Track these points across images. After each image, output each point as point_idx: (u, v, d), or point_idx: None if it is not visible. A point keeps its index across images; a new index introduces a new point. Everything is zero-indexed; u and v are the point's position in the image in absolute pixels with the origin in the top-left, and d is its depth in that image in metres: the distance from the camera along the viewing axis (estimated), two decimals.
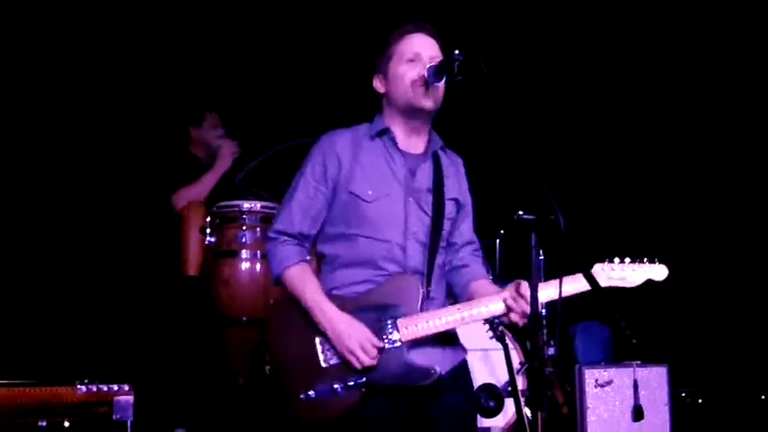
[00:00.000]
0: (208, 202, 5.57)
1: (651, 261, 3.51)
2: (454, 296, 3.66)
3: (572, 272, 3.28)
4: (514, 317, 3.31)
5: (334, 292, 3.43)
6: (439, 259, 3.52)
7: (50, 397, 3.80)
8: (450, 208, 3.58)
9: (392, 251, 3.42)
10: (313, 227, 3.50)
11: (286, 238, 3.49)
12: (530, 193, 3.01)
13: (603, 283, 3.39)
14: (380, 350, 3.33)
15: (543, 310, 5.39)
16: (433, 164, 3.58)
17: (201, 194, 5.61)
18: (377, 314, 3.35)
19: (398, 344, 3.34)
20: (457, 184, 3.66)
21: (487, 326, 5.17)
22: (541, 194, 2.97)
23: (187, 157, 5.89)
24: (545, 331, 5.48)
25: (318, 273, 3.57)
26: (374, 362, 3.30)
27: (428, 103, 3.47)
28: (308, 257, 3.49)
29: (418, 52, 3.50)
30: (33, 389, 3.79)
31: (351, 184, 3.44)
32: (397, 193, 3.47)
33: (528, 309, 3.17)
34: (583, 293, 3.31)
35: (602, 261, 3.48)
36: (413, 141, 3.58)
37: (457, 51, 3.25)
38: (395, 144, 3.52)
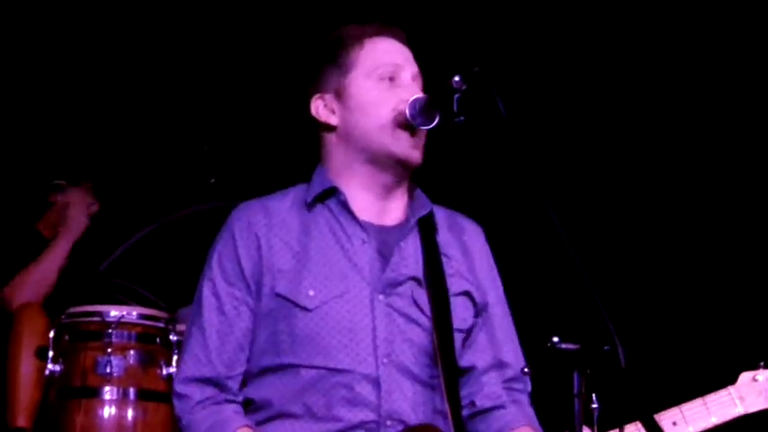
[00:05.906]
0: (51, 306, 4.60)
1: None
2: None
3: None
4: None
5: None
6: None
7: None
8: (461, 309, 2.90)
9: (355, 388, 2.78)
10: (243, 361, 2.92)
11: (207, 392, 2.88)
12: (569, 307, 2.78)
13: (760, 403, 3.07)
14: None
15: None
16: (420, 238, 2.95)
17: (46, 278, 4.82)
18: None
19: None
20: (468, 271, 3.00)
21: None
22: (590, 310, 2.46)
23: (30, 234, 5.09)
24: None
25: None
26: None
27: (415, 154, 2.88)
28: (245, 420, 2.85)
29: (399, 64, 2.90)
30: None
31: (278, 283, 2.86)
32: (358, 291, 2.85)
33: None
34: None
35: (751, 369, 3.14)
36: (381, 208, 2.94)
37: (457, 78, 2.69)
38: (347, 210, 2.91)
